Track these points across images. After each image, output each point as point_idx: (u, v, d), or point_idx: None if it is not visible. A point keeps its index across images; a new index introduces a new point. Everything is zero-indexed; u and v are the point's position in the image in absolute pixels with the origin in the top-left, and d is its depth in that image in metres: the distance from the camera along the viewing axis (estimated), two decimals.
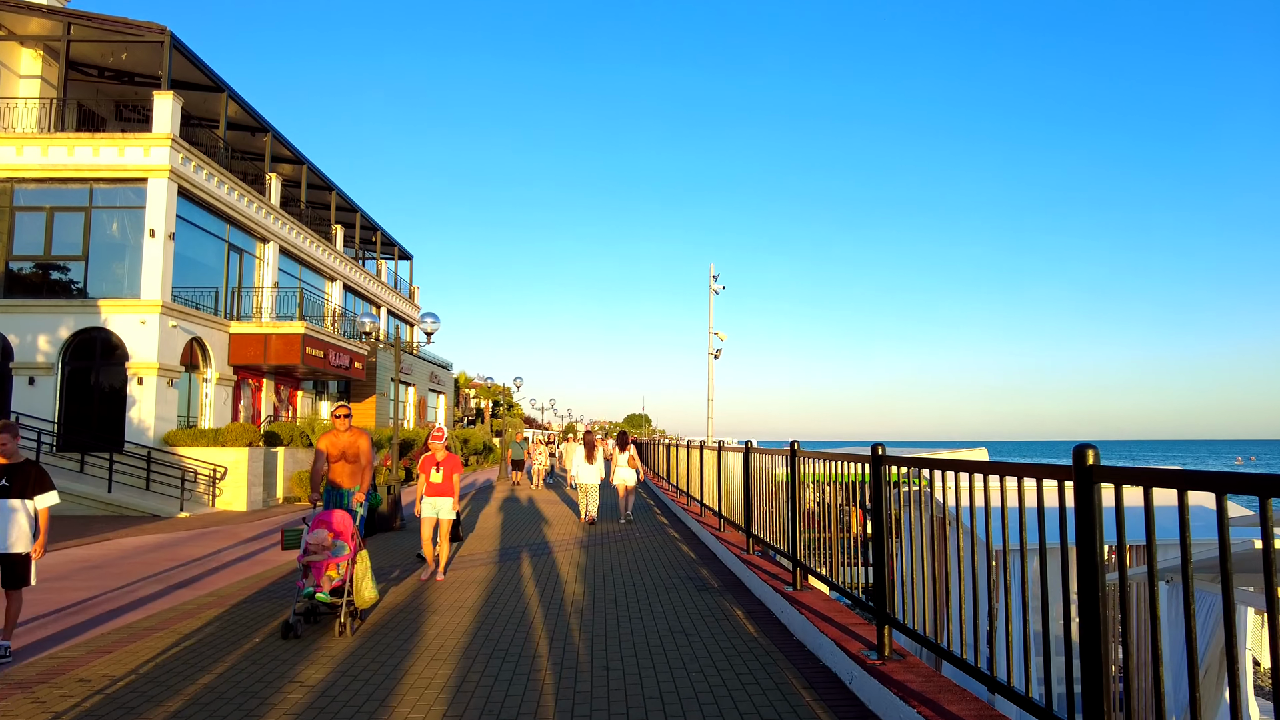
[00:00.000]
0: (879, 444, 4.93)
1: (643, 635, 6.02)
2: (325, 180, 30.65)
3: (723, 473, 10.45)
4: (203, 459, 18.05)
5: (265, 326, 22.14)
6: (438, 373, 41.52)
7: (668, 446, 19.35)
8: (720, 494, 10.63)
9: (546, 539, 11.83)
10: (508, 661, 5.31)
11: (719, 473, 10.62)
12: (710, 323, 19.19)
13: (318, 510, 6.61)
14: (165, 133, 18.77)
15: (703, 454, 12.50)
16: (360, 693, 4.70)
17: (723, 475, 10.44)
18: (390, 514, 13.56)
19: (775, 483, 7.67)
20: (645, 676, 4.97)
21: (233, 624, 6.46)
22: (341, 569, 6.12)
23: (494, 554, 10.32)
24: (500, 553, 10.44)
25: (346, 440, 7.42)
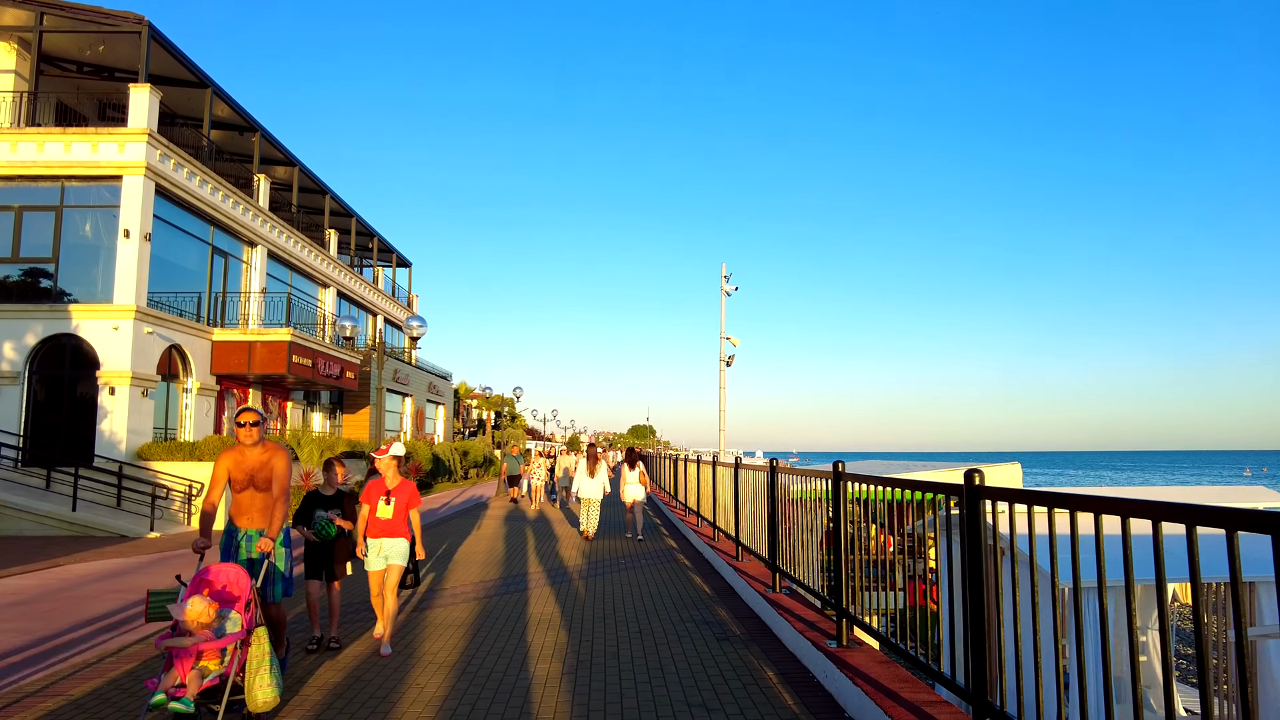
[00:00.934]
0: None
1: (651, 708, 4.77)
2: (318, 183, 29.61)
3: (742, 494, 9.21)
4: (178, 474, 16.86)
5: (250, 334, 21.01)
6: (436, 383, 40.37)
7: (675, 461, 18.10)
8: (738, 518, 9.38)
9: (541, 568, 10.58)
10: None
11: (736, 494, 9.38)
12: (722, 327, 17.95)
13: (202, 565, 4.67)
14: (141, 127, 17.70)
15: (716, 471, 11.25)
16: None
17: (742, 497, 9.20)
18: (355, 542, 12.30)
19: (810, 509, 6.44)
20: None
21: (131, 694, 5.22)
22: (226, 657, 4.22)
23: (478, 588, 9.08)
24: (486, 586, 9.19)
25: (256, 459, 5.09)
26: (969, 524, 3.59)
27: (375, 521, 6.33)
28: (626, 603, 8.01)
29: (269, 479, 5.16)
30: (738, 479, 9.33)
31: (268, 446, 5.24)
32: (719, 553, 10.22)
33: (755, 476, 8.54)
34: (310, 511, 6.47)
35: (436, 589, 8.92)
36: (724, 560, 9.59)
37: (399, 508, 6.33)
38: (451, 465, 35.73)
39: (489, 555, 11.74)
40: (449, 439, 42.79)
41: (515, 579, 9.58)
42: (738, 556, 9.43)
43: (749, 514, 8.89)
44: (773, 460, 7.46)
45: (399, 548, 6.33)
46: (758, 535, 8.42)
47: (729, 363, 17.62)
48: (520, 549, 12.44)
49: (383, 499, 6.33)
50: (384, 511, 6.30)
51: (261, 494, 5.15)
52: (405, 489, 6.41)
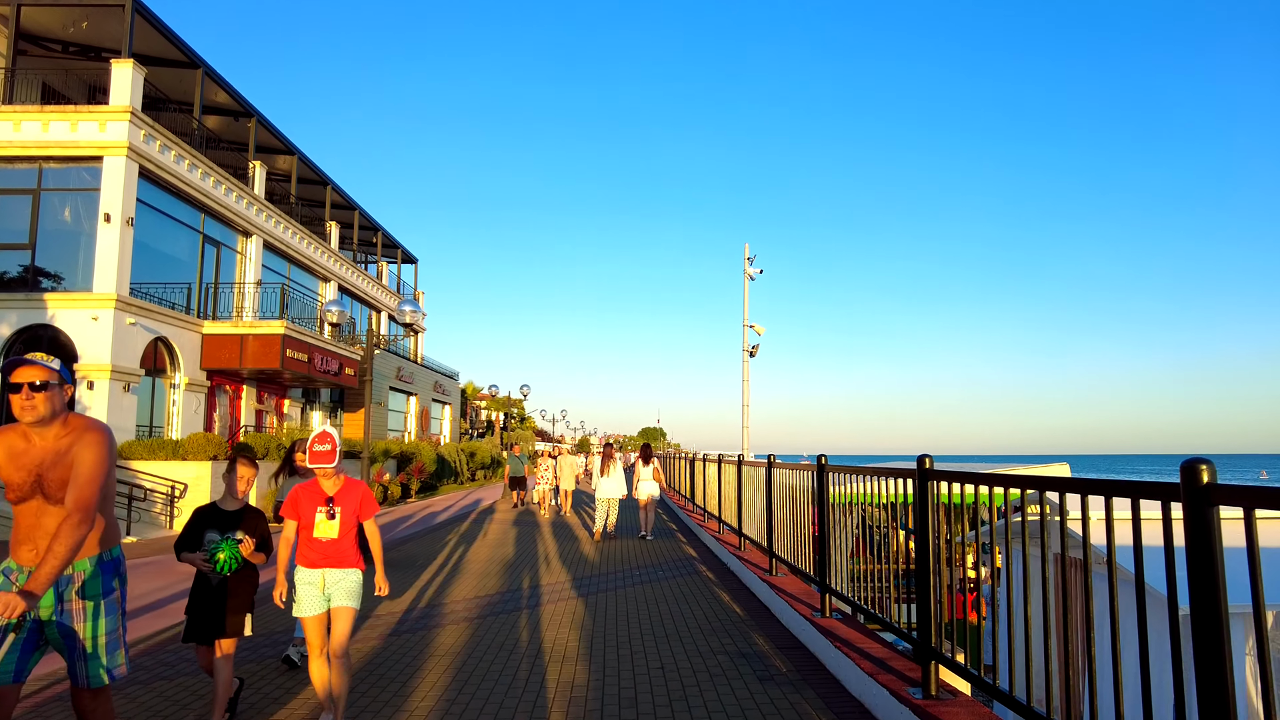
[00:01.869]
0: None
1: None
2: (319, 174, 28.57)
3: (776, 498, 7.96)
4: (160, 475, 15.75)
5: (242, 326, 19.92)
6: (442, 382, 39.30)
7: (691, 461, 16.84)
8: (772, 526, 8.13)
9: (545, 581, 9.36)
10: None
11: (769, 498, 8.13)
12: (745, 313, 16.59)
13: None
14: (124, 105, 16.64)
15: (742, 473, 10.00)
16: None
17: (777, 502, 7.95)
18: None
19: (877, 517, 5.20)
20: None
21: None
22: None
23: (473, 605, 7.86)
24: (481, 603, 7.98)
25: (48, 448, 3.06)
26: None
27: (311, 545, 4.22)
28: (644, 626, 6.78)
29: (63, 480, 2.99)
30: (771, 481, 8.08)
31: (71, 425, 3.08)
32: (746, 564, 8.97)
33: (794, 477, 7.30)
34: (199, 533, 4.36)
35: (426, 606, 7.72)
36: (754, 574, 8.34)
37: (346, 521, 4.26)
38: (458, 467, 34.62)
39: (488, 565, 10.53)
40: (455, 440, 41.70)
41: (515, 594, 8.36)
42: (771, 570, 8.17)
43: (786, 521, 7.64)
44: (820, 458, 6.21)
45: (348, 582, 4.26)
46: (799, 547, 7.17)
47: (753, 353, 16.23)
48: (523, 558, 11.23)
49: (322, 510, 4.21)
50: (325, 529, 4.21)
51: (50, 505, 3.05)
52: (353, 493, 4.33)
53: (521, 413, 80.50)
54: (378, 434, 29.38)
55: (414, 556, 11.55)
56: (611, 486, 13.33)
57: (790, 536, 7.47)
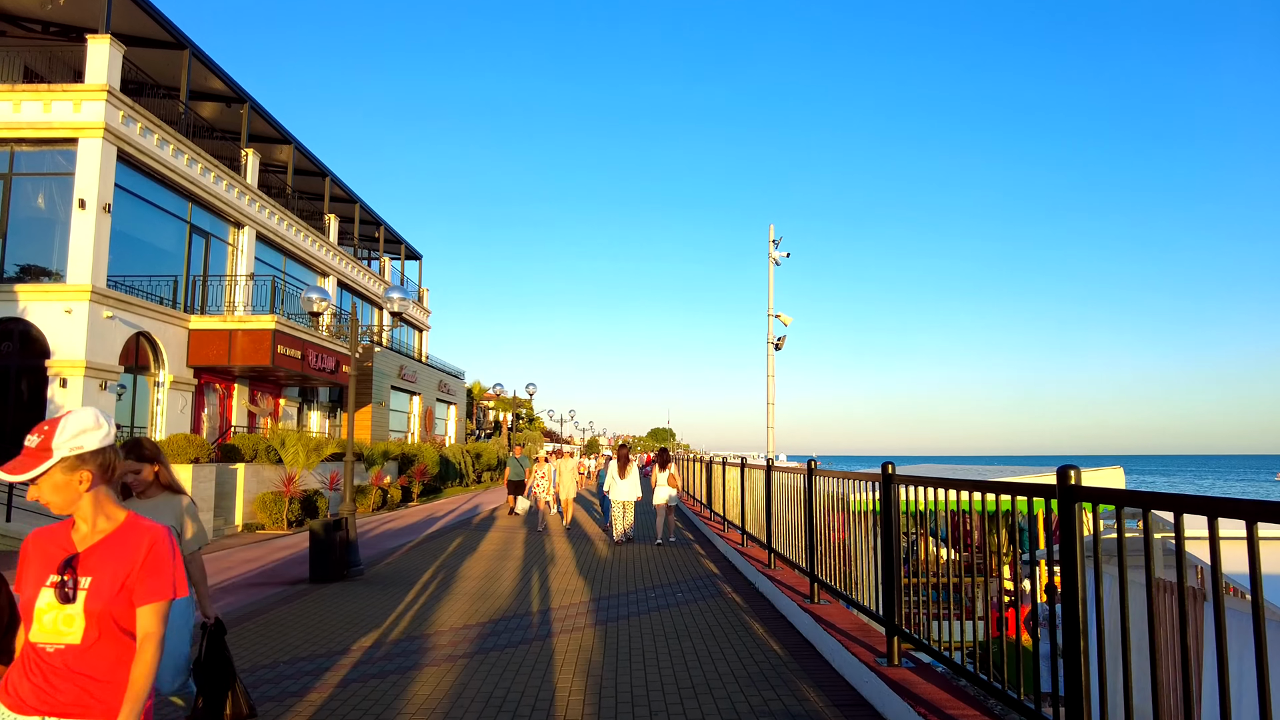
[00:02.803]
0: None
1: None
2: (317, 164, 27.47)
3: (819, 512, 6.72)
4: None
5: (230, 321, 18.83)
6: (447, 381, 38.20)
7: (708, 465, 15.60)
8: (814, 544, 6.88)
9: (546, 605, 8.15)
10: None
11: (810, 512, 6.89)
12: (770, 302, 15.19)
13: None
14: (100, 83, 15.56)
15: (771, 480, 8.74)
16: None
17: (819, 517, 6.70)
18: (340, 558, 9.96)
19: (985, 538, 3.97)
20: None
21: None
22: None
23: (458, 637, 6.66)
24: (469, 634, 6.77)
25: None
26: None
27: (28, 661, 2.04)
28: (664, 669, 5.55)
29: None
30: (812, 491, 6.83)
31: None
32: (779, 586, 7.73)
33: (842, 487, 6.07)
34: None
35: (403, 638, 6.52)
36: (791, 599, 7.11)
37: (103, 609, 2.03)
38: (463, 469, 33.50)
39: (483, 584, 9.32)
40: (461, 441, 40.60)
41: (512, 623, 7.15)
42: (812, 597, 6.93)
43: (830, 541, 6.40)
44: (886, 465, 4.98)
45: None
46: (850, 573, 5.94)
47: (778, 345, 14.86)
48: (524, 575, 10.02)
49: (49, 588, 2.03)
50: (51, 625, 2.02)
51: None
52: (128, 549, 2.07)
53: (530, 413, 79.40)
54: (379, 435, 28.29)
55: (401, 572, 10.36)
56: (627, 489, 13.12)
57: (837, 559, 6.24)
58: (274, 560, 12.25)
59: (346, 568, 10.11)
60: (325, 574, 9.74)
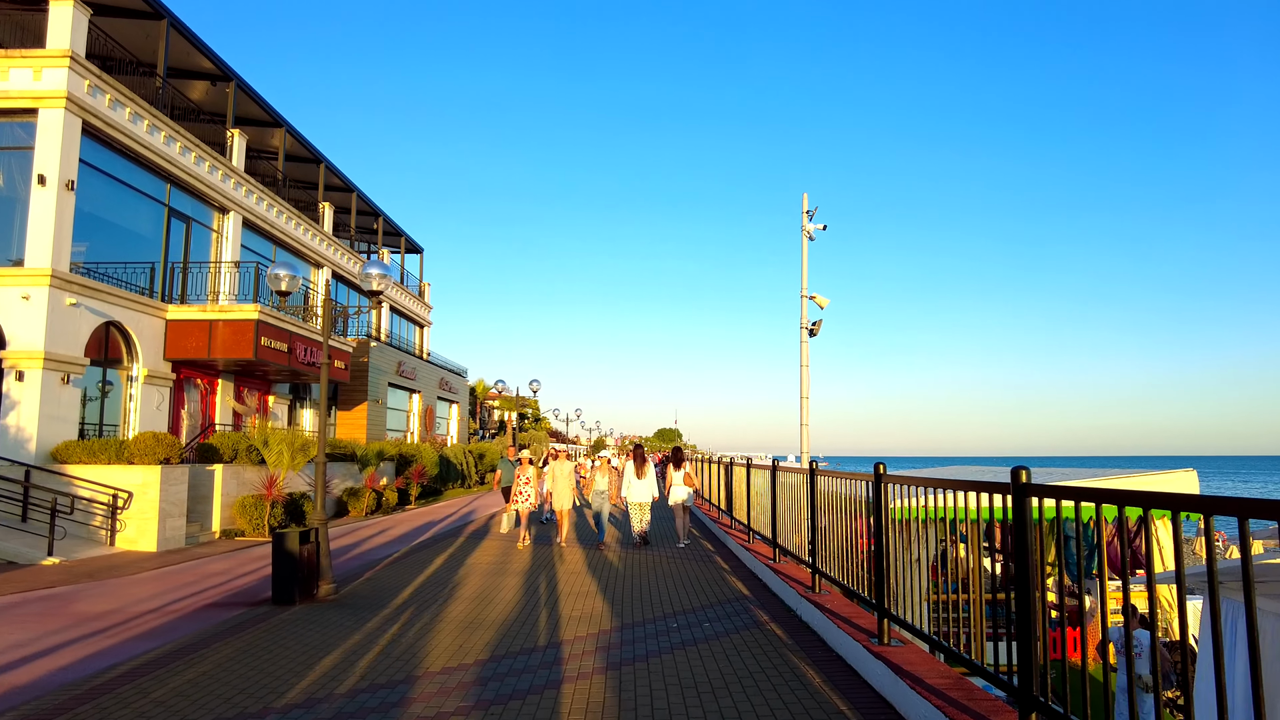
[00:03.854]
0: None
1: None
2: (311, 150, 26.15)
3: (890, 533, 5.30)
4: (99, 481, 13.31)
5: (210, 311, 17.49)
6: (449, 379, 36.86)
7: (728, 467, 14.16)
8: (883, 571, 5.44)
9: (547, 641, 6.74)
10: None
11: (880, 530, 5.45)
12: (803, 282, 13.54)
13: None
14: (62, 49, 14.24)
15: (816, 485, 7.30)
16: None
17: (892, 540, 5.28)
18: (309, 575, 8.57)
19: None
20: None
21: None
22: None
23: (436, 688, 5.25)
24: (448, 685, 5.37)
25: None
26: None
27: None
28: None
29: None
30: (882, 503, 5.40)
31: None
32: (832, 618, 6.31)
33: (954, 500, 4.64)
34: None
35: (363, 688, 5.12)
36: (851, 637, 5.69)
37: None
38: (465, 469, 32.15)
39: (473, 608, 7.92)
40: (464, 440, 39.27)
41: (503, 665, 5.75)
42: (881, 637, 5.49)
43: (909, 568, 4.98)
44: (1020, 470, 3.55)
45: None
46: (951, 616, 4.52)
47: (813, 331, 13.27)
48: (523, 596, 8.62)
49: None
50: None
51: None
52: None
53: (536, 412, 77.96)
54: (375, 434, 26.97)
55: (382, 590, 8.97)
56: (644, 490, 13.02)
57: (915, 589, 4.82)
58: (243, 574, 10.89)
59: (316, 585, 8.73)
60: (290, 594, 8.36)
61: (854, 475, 6.22)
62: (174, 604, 8.67)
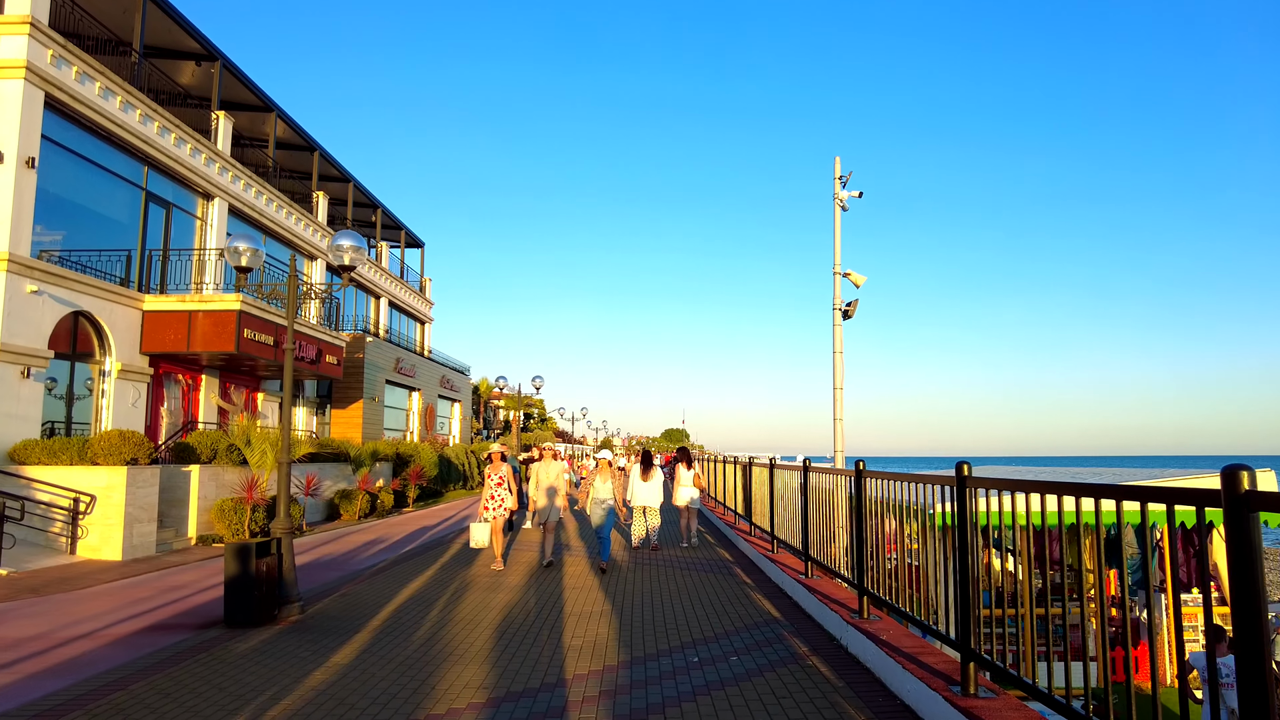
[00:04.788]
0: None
1: None
2: (305, 138, 25.04)
3: (975, 554, 4.08)
4: (60, 484, 12.19)
5: (189, 301, 16.36)
6: (451, 377, 35.73)
7: (746, 468, 12.91)
8: (967, 601, 4.22)
9: (543, 682, 5.55)
10: None
11: (963, 549, 4.22)
12: (836, 257, 12.13)
13: None
14: (21, 14, 13.13)
15: (861, 488, 6.06)
16: None
17: (979, 564, 4.07)
18: (268, 594, 7.40)
19: None
20: None
21: None
22: None
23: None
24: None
25: None
26: None
27: None
28: None
29: None
30: (966, 513, 4.17)
31: None
32: (893, 653, 5.10)
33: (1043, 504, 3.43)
34: None
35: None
36: (920, 680, 4.48)
37: None
38: (467, 470, 30.99)
39: (459, 634, 6.73)
40: (467, 440, 38.14)
41: (493, 717, 4.55)
42: (966, 686, 4.27)
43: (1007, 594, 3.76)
44: (1238, 470, 2.33)
45: None
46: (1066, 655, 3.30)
47: (848, 312, 11.99)
48: (517, 619, 7.42)
49: None
50: None
51: None
52: None
53: (543, 412, 76.78)
54: (372, 433, 25.85)
55: (354, 610, 7.79)
56: (650, 493, 12.42)
57: (1033, 637, 3.60)
58: (208, 587, 9.73)
59: (277, 605, 7.55)
60: (245, 616, 7.19)
61: (919, 478, 5.00)
62: (112, 627, 7.50)
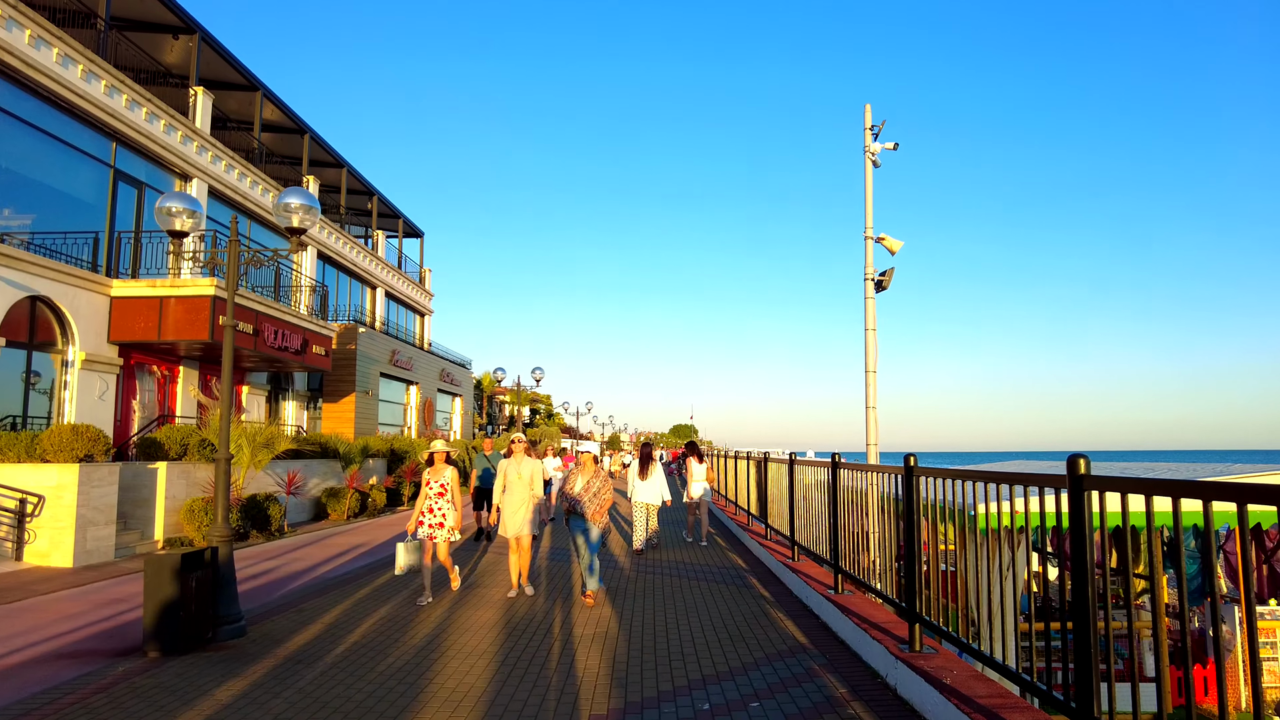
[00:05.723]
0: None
1: None
2: (294, 119, 23.88)
3: (1098, 577, 2.87)
4: (6, 483, 11.09)
5: (160, 286, 15.24)
6: (451, 370, 34.61)
7: (761, 464, 11.69)
8: (1092, 636, 3.03)
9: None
10: None
11: (1084, 562, 3.00)
12: (868, 218, 10.75)
13: None
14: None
15: (914, 488, 4.84)
16: None
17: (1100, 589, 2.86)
18: (200, 612, 6.25)
19: None
20: None
21: None
22: None
23: None
24: None
25: None
26: None
27: None
28: None
29: None
30: (1088, 520, 2.96)
31: None
32: (961, 703, 3.89)
33: None
34: None
35: None
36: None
37: None
38: (467, 467, 29.90)
39: (424, 667, 5.57)
40: (468, 436, 37.04)
41: None
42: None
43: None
44: None
45: None
46: None
47: (881, 284, 10.65)
48: (494, 648, 6.25)
49: None
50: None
51: None
52: None
53: (549, 407, 75.56)
54: (365, 429, 24.74)
55: (309, 628, 6.62)
56: (650, 491, 11.69)
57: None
58: None
59: (211, 626, 6.40)
60: (170, 640, 6.03)
61: (995, 476, 3.79)
62: (16, 652, 6.36)
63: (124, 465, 12.94)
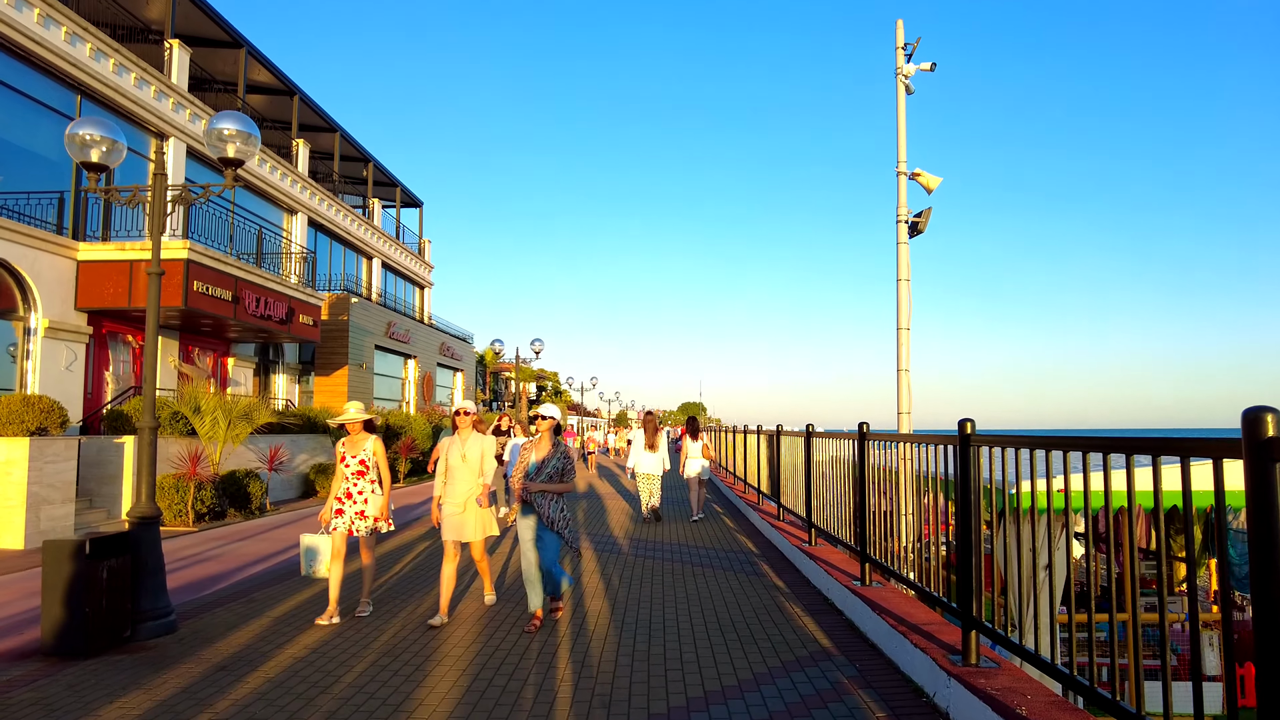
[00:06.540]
0: None
1: None
2: (283, 80, 22.74)
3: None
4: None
5: (129, 250, 14.28)
6: (451, 344, 33.67)
7: (774, 439, 10.68)
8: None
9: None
10: None
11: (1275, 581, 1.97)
12: (900, 149, 9.56)
13: None
14: None
15: (969, 464, 3.83)
16: None
17: None
18: (115, 607, 5.32)
19: None
20: None
21: None
22: None
23: None
24: None
25: None
26: None
27: None
28: None
29: None
30: (1220, 511, 1.92)
31: None
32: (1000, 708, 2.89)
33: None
34: None
35: None
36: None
37: None
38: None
39: (379, 677, 4.62)
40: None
41: None
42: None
43: None
44: None
45: None
46: None
47: (917, 227, 9.42)
48: (463, 649, 5.30)
49: None
50: None
51: None
52: None
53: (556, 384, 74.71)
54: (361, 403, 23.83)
55: (246, 629, 5.68)
56: (654, 462, 11.80)
57: None
58: None
59: (133, 622, 5.47)
60: (74, 641, 5.10)
61: (1108, 445, 2.75)
62: None
63: (87, 439, 12.07)
